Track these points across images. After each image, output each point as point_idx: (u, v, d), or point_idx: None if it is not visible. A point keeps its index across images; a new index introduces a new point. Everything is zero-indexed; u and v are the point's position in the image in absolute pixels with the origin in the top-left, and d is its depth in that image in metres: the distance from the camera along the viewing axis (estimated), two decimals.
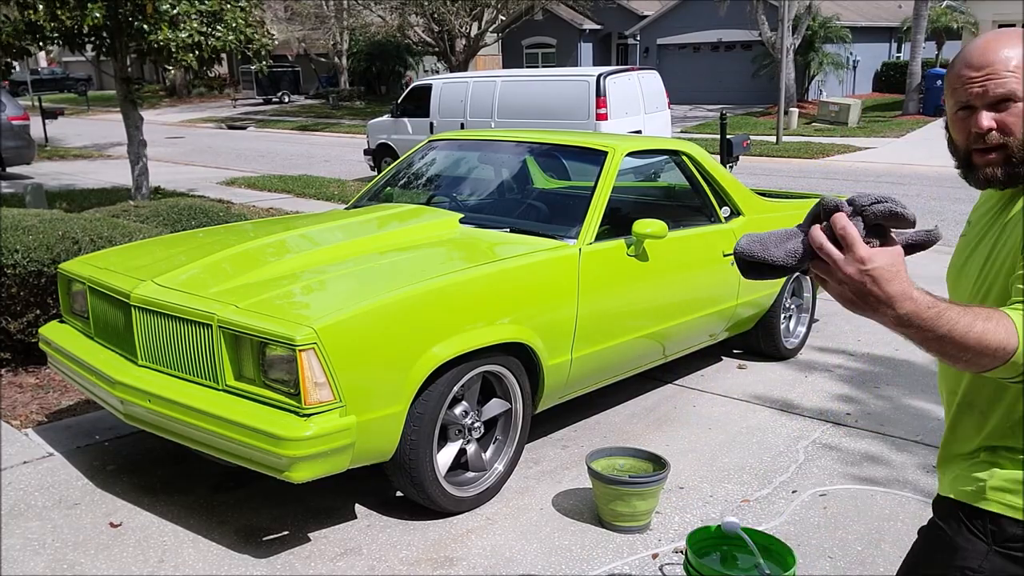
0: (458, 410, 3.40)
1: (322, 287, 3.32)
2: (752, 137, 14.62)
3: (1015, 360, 1.30)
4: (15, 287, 4.67)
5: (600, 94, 10.76)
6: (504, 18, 26.62)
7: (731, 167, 11.30)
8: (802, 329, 5.42)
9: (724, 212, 4.67)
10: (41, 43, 8.33)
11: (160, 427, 3.20)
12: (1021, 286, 1.38)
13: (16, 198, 10.53)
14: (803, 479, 3.75)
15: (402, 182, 5.06)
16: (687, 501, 3.56)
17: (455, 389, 3.29)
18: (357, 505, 3.51)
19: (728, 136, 11.48)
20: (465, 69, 25.31)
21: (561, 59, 33.13)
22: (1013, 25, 25.20)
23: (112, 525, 3.34)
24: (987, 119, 1.44)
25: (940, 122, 19.29)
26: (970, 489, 1.54)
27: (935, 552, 1.60)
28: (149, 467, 3.83)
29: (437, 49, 26.48)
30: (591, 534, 3.30)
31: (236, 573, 3.04)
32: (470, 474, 3.50)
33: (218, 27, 8.63)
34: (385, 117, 13.88)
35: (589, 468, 3.33)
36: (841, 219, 1.26)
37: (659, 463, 3.40)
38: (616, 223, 4.06)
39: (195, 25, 8.40)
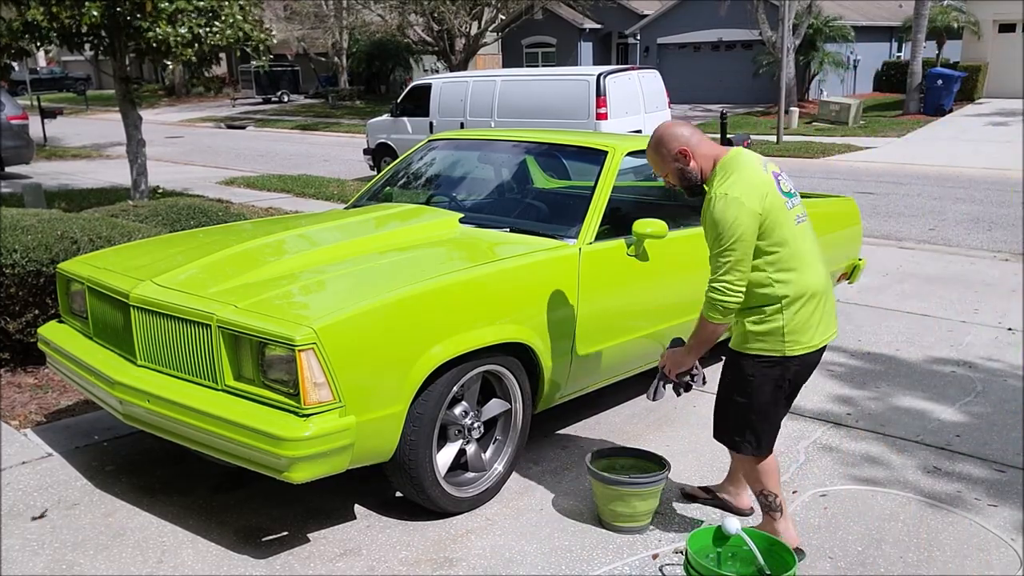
0: (458, 410, 3.39)
1: (321, 287, 3.32)
2: (752, 136, 14.61)
3: (713, 320, 2.89)
4: (14, 287, 4.66)
5: (600, 93, 10.75)
6: (504, 17, 26.60)
7: None
8: None
9: None
10: (39, 43, 8.31)
11: (159, 427, 3.19)
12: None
13: (15, 198, 10.53)
14: (804, 479, 3.74)
15: (402, 182, 5.05)
16: (687, 501, 3.56)
17: (455, 389, 3.29)
18: (357, 505, 3.50)
19: (729, 135, 11.50)
20: (465, 68, 25.30)
21: (561, 58, 33.12)
22: (1013, 25, 25.24)
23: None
24: (664, 181, 3.11)
25: (941, 121, 19.10)
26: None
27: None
28: (148, 467, 3.83)
29: (437, 48, 26.46)
30: (591, 534, 3.30)
31: (236, 573, 3.03)
32: (470, 474, 3.49)
33: (216, 23, 8.62)
34: (385, 116, 13.87)
35: (589, 468, 3.32)
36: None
37: (659, 463, 3.39)
38: (616, 223, 4.05)
39: (194, 20, 8.39)
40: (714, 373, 3.33)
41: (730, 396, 3.06)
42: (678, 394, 3.24)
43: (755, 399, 2.99)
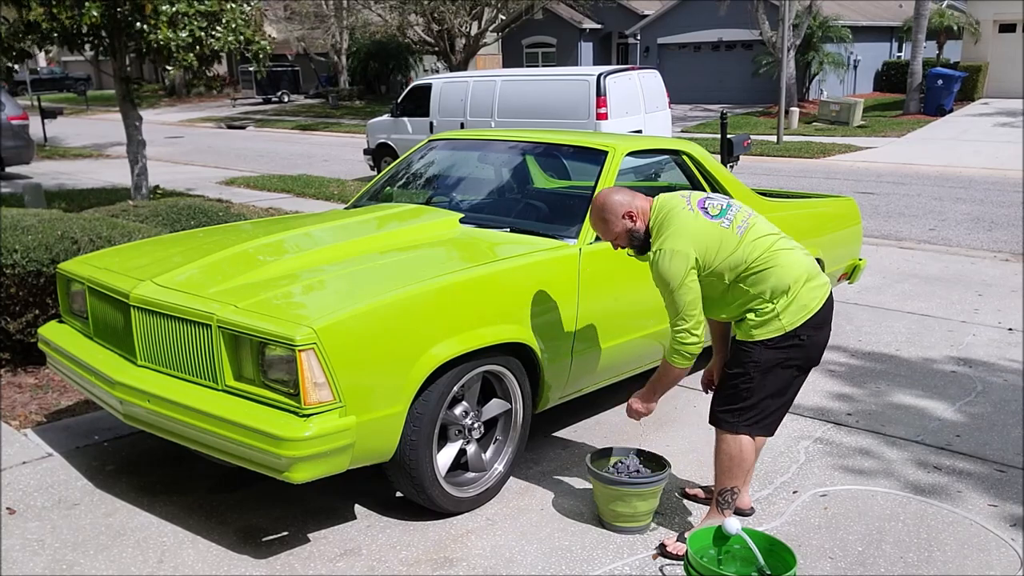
0: (458, 410, 3.39)
1: (322, 287, 3.32)
2: (753, 137, 14.61)
3: (676, 365, 3.12)
4: (14, 287, 4.66)
5: (600, 93, 10.74)
6: (504, 17, 26.59)
7: (732, 167, 11.29)
8: None
9: None
10: (40, 43, 8.31)
11: (159, 427, 3.20)
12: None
13: (15, 198, 10.53)
14: (804, 479, 3.74)
15: (402, 182, 5.05)
16: (687, 501, 3.56)
17: (455, 389, 3.29)
18: (357, 505, 3.50)
19: (729, 136, 11.48)
20: (465, 68, 25.30)
21: (561, 58, 33.11)
22: (1013, 25, 25.23)
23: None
24: (613, 244, 3.26)
25: (942, 122, 19.10)
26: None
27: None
28: (148, 467, 3.83)
29: (437, 48, 26.45)
30: (591, 534, 3.30)
31: (236, 573, 3.03)
32: (470, 474, 3.49)
33: (217, 27, 8.62)
34: (385, 117, 13.87)
35: (589, 468, 3.32)
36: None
37: (659, 463, 3.39)
38: None
39: (195, 24, 8.39)
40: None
41: (735, 381, 3.10)
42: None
43: (759, 382, 3.05)
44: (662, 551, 3.15)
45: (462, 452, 3.46)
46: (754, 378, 3.05)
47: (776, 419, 3.17)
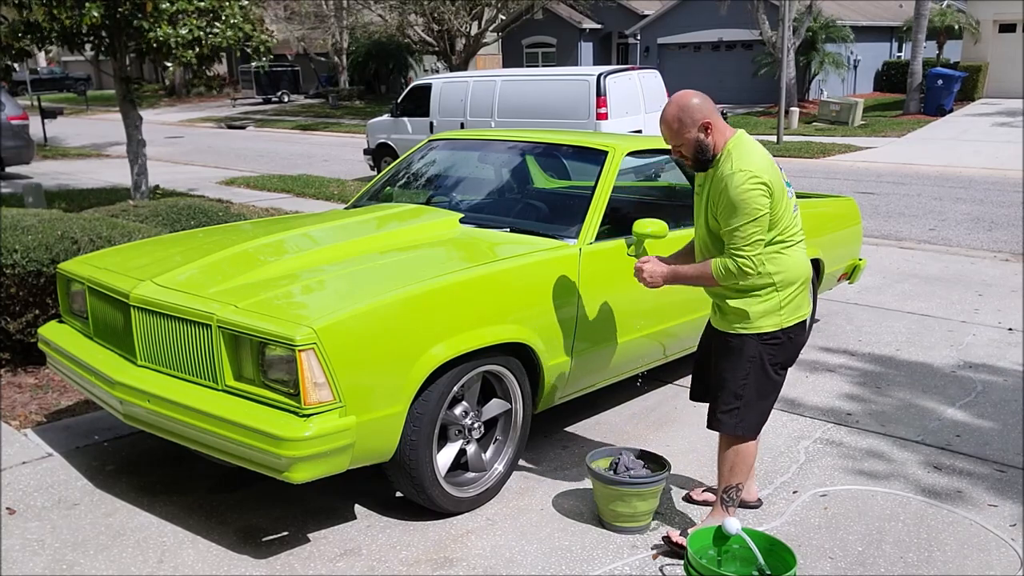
0: (458, 410, 3.39)
1: (321, 287, 3.32)
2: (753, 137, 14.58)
3: (719, 280, 3.00)
4: (14, 287, 4.66)
5: (600, 93, 10.74)
6: (504, 17, 26.59)
7: None
8: None
9: None
10: (40, 43, 8.32)
11: (159, 427, 3.19)
12: (725, 241, 2.98)
13: (15, 198, 10.53)
14: (804, 479, 3.74)
15: (402, 182, 5.05)
16: (691, 503, 3.55)
17: (455, 389, 3.29)
18: (357, 505, 3.50)
19: None
20: (465, 68, 25.30)
21: (561, 58, 33.11)
22: (1013, 25, 25.23)
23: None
24: (672, 150, 3.12)
25: (942, 122, 19.05)
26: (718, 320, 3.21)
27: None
28: (148, 467, 3.83)
29: (437, 48, 26.45)
30: (591, 534, 3.30)
31: (236, 573, 3.03)
32: (470, 474, 3.49)
33: (217, 24, 8.62)
34: (385, 117, 13.87)
35: (589, 468, 3.32)
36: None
37: (659, 463, 3.39)
38: (616, 223, 4.05)
39: (194, 22, 8.40)
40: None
41: (732, 375, 3.11)
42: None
43: (752, 378, 3.07)
44: (667, 542, 3.15)
45: (462, 452, 3.46)
46: (750, 374, 3.07)
47: (763, 419, 3.18)
